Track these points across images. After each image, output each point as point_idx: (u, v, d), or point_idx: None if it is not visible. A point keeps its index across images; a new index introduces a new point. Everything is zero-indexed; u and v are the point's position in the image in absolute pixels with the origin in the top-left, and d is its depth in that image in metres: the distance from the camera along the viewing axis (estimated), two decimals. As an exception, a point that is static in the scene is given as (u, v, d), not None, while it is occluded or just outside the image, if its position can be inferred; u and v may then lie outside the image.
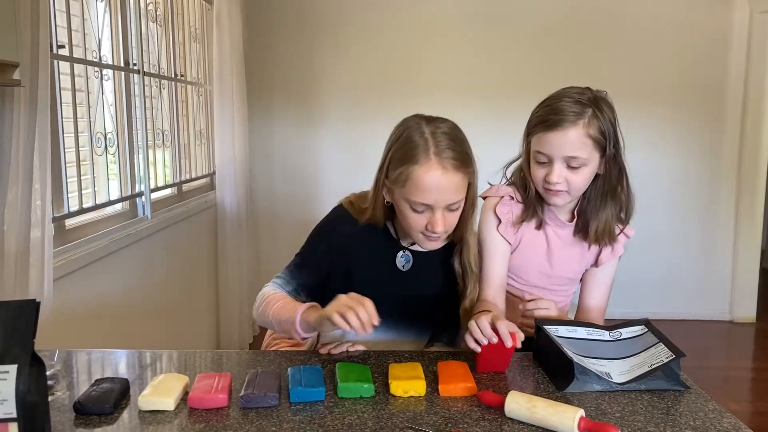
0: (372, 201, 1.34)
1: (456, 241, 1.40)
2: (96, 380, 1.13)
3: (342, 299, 1.16)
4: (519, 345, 1.19)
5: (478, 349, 1.19)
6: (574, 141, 1.32)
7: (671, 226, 4.27)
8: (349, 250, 1.37)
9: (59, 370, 1.19)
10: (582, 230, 1.46)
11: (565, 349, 1.20)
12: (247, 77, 3.68)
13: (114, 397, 1.06)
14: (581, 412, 1.00)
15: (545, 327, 1.29)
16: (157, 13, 2.93)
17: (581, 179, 1.36)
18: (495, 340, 1.17)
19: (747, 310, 4.30)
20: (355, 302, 1.14)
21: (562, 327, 1.32)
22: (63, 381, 1.16)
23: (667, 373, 1.19)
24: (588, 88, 1.38)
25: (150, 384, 1.11)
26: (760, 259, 4.30)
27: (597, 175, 1.40)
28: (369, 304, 1.13)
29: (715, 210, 4.27)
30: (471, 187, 1.31)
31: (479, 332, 1.18)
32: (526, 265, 1.49)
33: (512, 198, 1.48)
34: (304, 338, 1.26)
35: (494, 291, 1.46)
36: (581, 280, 1.56)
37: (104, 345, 2.11)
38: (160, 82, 2.94)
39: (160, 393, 1.07)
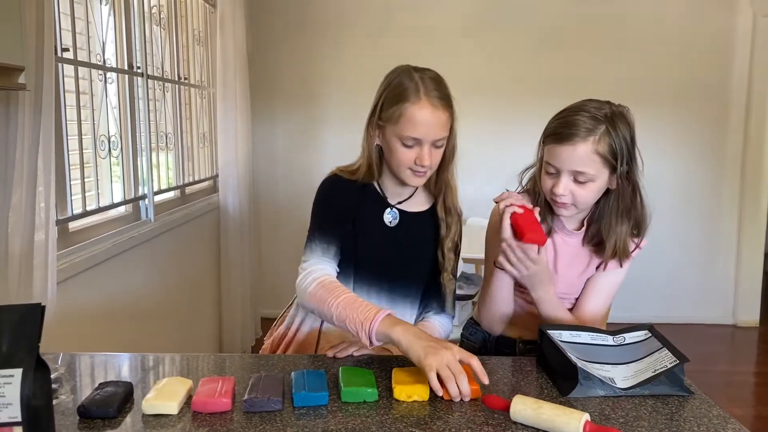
0: (364, 152, 1.44)
1: (438, 187, 1.47)
2: (100, 384, 1.13)
3: (444, 356, 1.13)
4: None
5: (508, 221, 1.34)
6: (582, 156, 1.32)
7: (674, 229, 4.26)
8: (350, 205, 1.45)
9: (63, 373, 1.19)
10: (591, 241, 1.46)
11: (569, 354, 1.20)
12: (251, 80, 3.69)
13: (118, 400, 1.06)
14: (587, 416, 1.00)
15: (549, 332, 1.29)
16: (161, 17, 2.94)
17: (588, 194, 1.36)
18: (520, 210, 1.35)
19: (750, 314, 4.30)
20: (458, 369, 1.12)
21: (565, 332, 1.32)
22: (67, 384, 1.16)
23: (671, 379, 1.19)
24: (608, 103, 1.37)
25: (154, 388, 1.11)
26: (763, 262, 4.30)
27: (609, 190, 1.39)
28: (464, 379, 1.12)
29: (718, 213, 4.27)
30: (452, 132, 1.41)
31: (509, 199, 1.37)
32: None
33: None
34: (373, 344, 1.24)
35: None
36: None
37: (107, 348, 2.12)
38: (163, 85, 2.95)
39: (164, 397, 1.07)
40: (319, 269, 1.36)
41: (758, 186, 4.17)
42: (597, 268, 1.49)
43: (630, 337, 1.34)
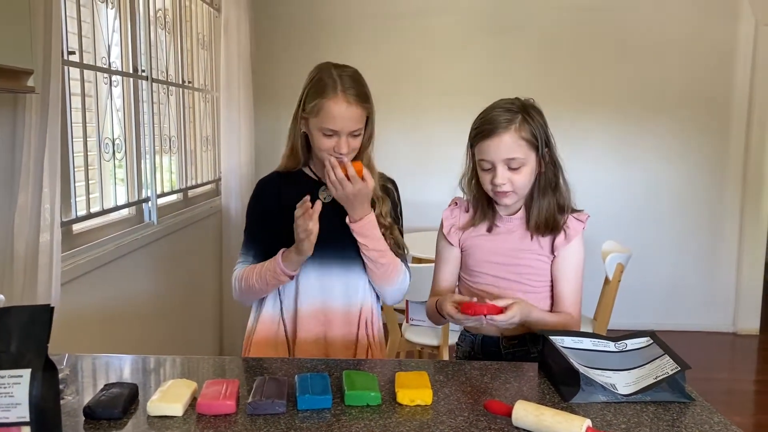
0: (288, 140, 1.61)
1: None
2: (105, 385, 1.13)
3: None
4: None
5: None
6: (509, 144, 1.46)
7: (675, 236, 4.27)
8: (277, 196, 1.62)
9: (68, 374, 1.20)
10: (533, 225, 1.53)
11: (571, 359, 1.21)
12: (254, 84, 3.70)
13: (123, 402, 1.07)
14: (588, 422, 1.01)
15: (551, 338, 1.30)
16: (166, 20, 2.96)
17: (523, 178, 1.48)
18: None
19: (751, 323, 4.30)
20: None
21: (567, 338, 1.33)
22: (72, 385, 1.17)
23: (672, 385, 1.20)
24: (517, 98, 1.54)
25: (159, 390, 1.11)
26: (764, 271, 4.30)
27: (540, 174, 1.51)
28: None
29: (719, 222, 4.28)
30: (369, 121, 1.57)
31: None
32: (486, 261, 1.56)
33: (456, 204, 1.63)
34: (292, 276, 1.52)
35: (444, 292, 1.61)
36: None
37: (109, 349, 2.12)
38: (167, 89, 2.96)
39: (169, 399, 1.08)
40: (236, 273, 1.62)
41: (759, 194, 4.18)
42: (554, 255, 1.54)
43: (632, 343, 1.34)
